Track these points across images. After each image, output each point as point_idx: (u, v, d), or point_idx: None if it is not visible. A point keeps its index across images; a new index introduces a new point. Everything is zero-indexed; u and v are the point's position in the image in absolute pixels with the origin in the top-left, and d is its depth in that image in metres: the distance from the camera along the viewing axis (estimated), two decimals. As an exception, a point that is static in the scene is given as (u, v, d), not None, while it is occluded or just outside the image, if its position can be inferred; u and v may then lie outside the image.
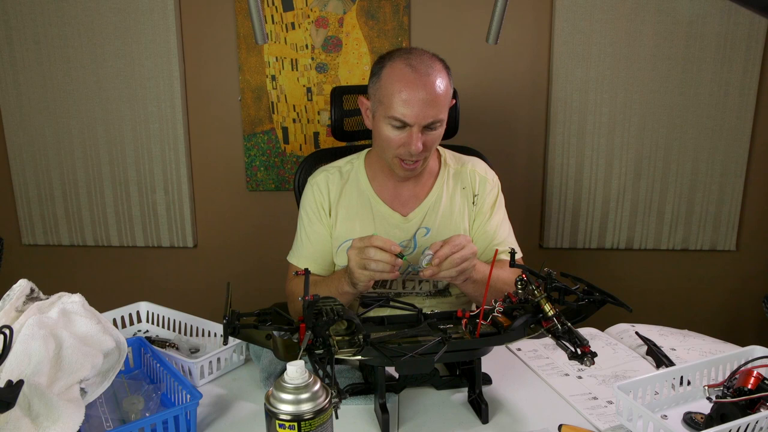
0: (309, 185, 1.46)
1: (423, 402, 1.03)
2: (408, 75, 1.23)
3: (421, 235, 1.41)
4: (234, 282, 1.04)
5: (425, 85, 1.22)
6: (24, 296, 0.95)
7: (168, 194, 2.30)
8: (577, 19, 2.06)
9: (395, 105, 1.23)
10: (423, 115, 1.23)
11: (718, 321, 2.33)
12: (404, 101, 1.22)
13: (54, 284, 1.10)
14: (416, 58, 1.25)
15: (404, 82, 1.22)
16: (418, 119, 1.23)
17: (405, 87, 1.22)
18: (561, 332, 0.94)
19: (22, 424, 0.75)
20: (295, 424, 0.74)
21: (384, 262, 1.12)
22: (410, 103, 1.22)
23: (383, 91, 1.26)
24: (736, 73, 2.06)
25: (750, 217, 2.22)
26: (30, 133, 2.28)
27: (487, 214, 1.43)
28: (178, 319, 1.25)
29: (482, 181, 1.44)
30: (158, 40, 2.15)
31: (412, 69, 1.23)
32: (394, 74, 1.24)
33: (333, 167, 1.47)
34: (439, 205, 1.41)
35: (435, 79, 1.23)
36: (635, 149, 2.15)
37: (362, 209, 1.41)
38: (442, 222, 1.41)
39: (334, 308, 0.92)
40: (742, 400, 0.88)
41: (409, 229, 1.40)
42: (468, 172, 1.45)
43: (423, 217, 1.41)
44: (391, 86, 1.24)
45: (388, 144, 1.29)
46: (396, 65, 1.25)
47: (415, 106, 1.22)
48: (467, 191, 1.43)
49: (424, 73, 1.23)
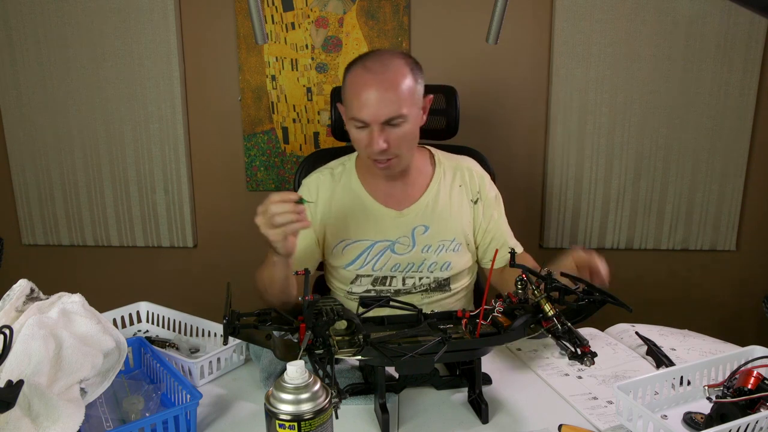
0: (303, 186, 1.49)
1: (423, 402, 1.03)
2: (362, 76, 1.27)
3: (420, 233, 1.41)
4: (234, 282, 1.04)
5: (379, 83, 1.25)
6: (24, 296, 0.95)
7: (168, 194, 2.30)
8: (577, 19, 2.06)
9: (354, 106, 1.28)
10: (379, 113, 1.25)
11: (718, 321, 2.33)
12: (360, 102, 1.26)
13: (54, 284, 1.09)
14: (372, 59, 1.29)
15: (359, 83, 1.27)
16: (374, 117, 1.26)
17: (360, 88, 1.26)
18: (561, 332, 0.94)
19: (22, 424, 0.75)
20: (295, 424, 0.74)
21: (287, 212, 1.13)
22: (365, 103, 1.25)
23: (345, 95, 1.32)
24: (736, 73, 2.06)
25: (750, 217, 2.22)
26: (30, 133, 2.28)
27: (494, 211, 1.47)
28: (178, 319, 1.25)
29: (481, 178, 1.47)
30: (158, 40, 2.15)
31: (366, 70, 1.27)
32: (352, 78, 1.29)
33: (325, 169, 1.49)
34: (437, 203, 1.42)
35: (389, 76, 1.26)
36: (635, 149, 2.15)
37: (355, 208, 1.42)
38: (441, 219, 1.41)
39: (334, 308, 0.92)
40: (742, 400, 0.88)
41: (404, 224, 1.41)
42: (465, 169, 1.46)
43: (420, 214, 1.41)
44: (350, 89, 1.29)
45: (358, 145, 1.34)
46: (354, 69, 1.30)
47: (370, 106, 1.25)
48: (465, 189, 1.45)
49: (377, 71, 1.26)
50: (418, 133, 1.36)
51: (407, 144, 1.32)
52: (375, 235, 1.41)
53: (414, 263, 1.42)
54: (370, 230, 1.41)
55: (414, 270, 1.42)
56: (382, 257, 1.41)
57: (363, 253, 1.41)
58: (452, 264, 1.43)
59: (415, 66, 1.32)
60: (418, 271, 1.42)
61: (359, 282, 1.43)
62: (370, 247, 1.41)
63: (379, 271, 1.42)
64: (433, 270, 1.42)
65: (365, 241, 1.41)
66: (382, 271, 1.42)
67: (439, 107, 1.64)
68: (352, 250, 1.42)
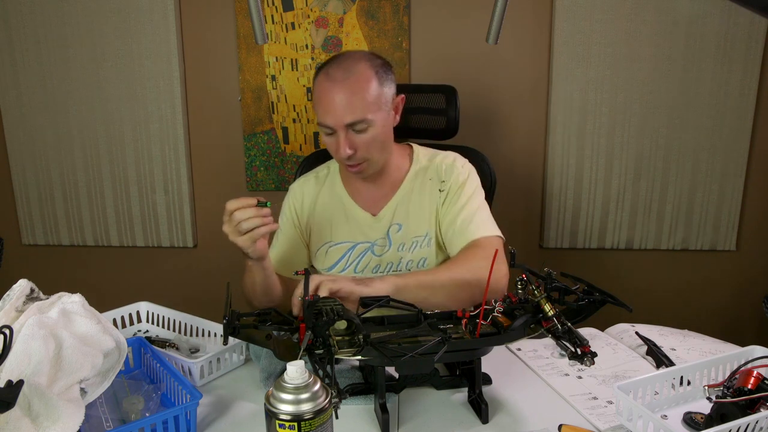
0: (289, 193, 1.52)
1: (423, 402, 1.03)
2: (323, 84, 1.28)
3: (394, 231, 1.42)
4: (234, 282, 1.04)
5: (339, 90, 1.26)
6: (24, 296, 0.95)
7: (168, 194, 2.30)
8: (577, 19, 2.06)
9: (319, 112, 1.30)
10: (340, 119, 1.26)
11: (718, 321, 2.33)
12: (323, 107, 1.28)
13: (54, 284, 1.10)
14: (335, 65, 1.29)
15: (321, 91, 1.28)
16: (336, 122, 1.27)
17: (323, 94, 1.28)
18: (561, 332, 0.94)
19: (22, 424, 0.75)
20: (295, 424, 0.74)
21: (251, 217, 1.14)
22: (328, 110, 1.27)
23: (313, 101, 1.33)
24: (736, 73, 2.06)
25: (750, 217, 2.22)
26: (30, 133, 2.28)
27: (454, 197, 1.39)
28: (178, 319, 1.25)
29: (449, 167, 1.43)
30: (158, 40, 2.15)
31: (327, 77, 1.28)
32: (316, 84, 1.31)
33: (310, 174, 1.52)
34: (408, 200, 1.42)
35: (351, 82, 1.26)
36: (635, 149, 2.15)
37: (336, 212, 1.44)
38: (412, 216, 1.42)
39: (334, 308, 0.92)
40: (742, 400, 0.88)
41: (380, 228, 1.42)
42: (436, 164, 1.44)
43: (393, 213, 1.42)
44: (315, 95, 1.31)
45: (330, 150, 1.35)
46: (319, 77, 1.31)
47: (332, 112, 1.26)
48: (434, 181, 1.43)
49: (338, 78, 1.26)
50: (390, 134, 1.36)
51: (376, 147, 1.32)
52: (355, 237, 1.43)
53: (393, 262, 1.42)
54: (350, 232, 1.43)
55: (393, 270, 1.42)
56: (363, 258, 1.43)
57: (345, 255, 1.43)
58: (428, 259, 1.42)
59: (382, 68, 1.32)
60: (397, 270, 1.42)
61: None
62: (352, 249, 1.43)
63: (362, 273, 1.43)
64: (410, 268, 1.42)
65: (346, 243, 1.43)
66: (364, 273, 1.43)
67: (439, 107, 1.64)
68: (335, 253, 1.44)
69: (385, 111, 1.31)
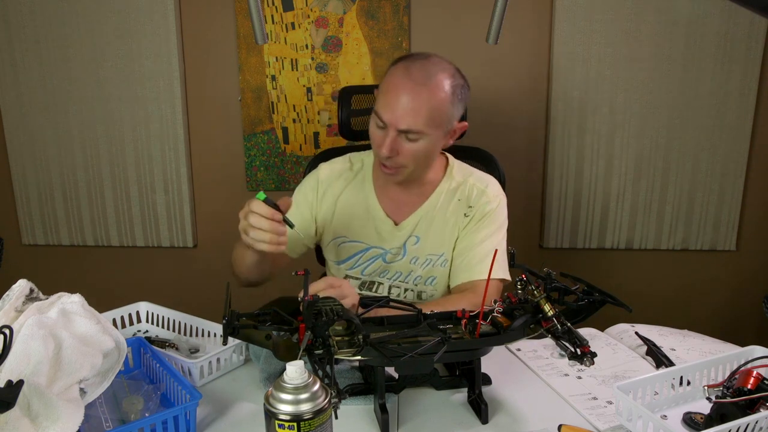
0: (317, 172, 1.44)
1: (423, 402, 1.03)
2: (400, 78, 1.22)
3: (411, 243, 1.39)
4: (234, 282, 1.04)
5: (410, 92, 1.20)
6: (23, 296, 0.95)
7: (168, 194, 2.30)
8: (577, 19, 2.06)
9: (380, 102, 1.24)
10: (399, 120, 1.21)
11: (718, 321, 2.33)
12: (388, 101, 1.22)
13: (54, 284, 1.10)
14: (418, 64, 1.23)
15: (394, 83, 1.22)
16: (392, 121, 1.21)
17: (393, 88, 1.22)
18: (561, 332, 0.94)
19: (21, 424, 0.75)
20: (294, 425, 0.74)
21: (266, 231, 1.08)
22: (392, 105, 1.21)
23: (380, 87, 1.27)
24: (736, 73, 2.06)
25: (750, 217, 2.22)
26: (30, 133, 2.28)
27: (476, 227, 1.36)
28: (178, 319, 1.25)
29: (480, 193, 1.38)
30: (158, 41, 2.15)
31: (405, 72, 1.22)
32: (391, 74, 1.25)
33: (346, 161, 1.45)
34: (433, 215, 1.38)
35: (424, 89, 1.20)
36: (635, 149, 2.15)
37: (359, 210, 1.41)
38: (433, 233, 1.38)
39: (333, 308, 0.92)
40: (741, 400, 0.88)
41: (399, 237, 1.39)
42: (468, 185, 1.39)
43: (415, 225, 1.38)
44: (385, 84, 1.25)
45: (372, 141, 1.30)
46: (397, 67, 1.25)
47: (395, 109, 1.21)
48: (462, 203, 1.38)
49: (415, 79, 1.21)
50: (436, 153, 1.32)
51: (419, 160, 1.28)
52: (371, 241, 1.40)
53: (401, 272, 1.40)
54: (367, 234, 1.40)
55: (401, 280, 1.40)
56: (373, 263, 1.41)
57: (356, 255, 1.41)
58: (437, 279, 1.40)
59: (461, 89, 1.26)
60: (404, 281, 1.40)
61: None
62: (365, 251, 1.40)
63: (368, 276, 1.42)
64: (417, 284, 1.40)
65: (360, 243, 1.40)
66: (370, 276, 1.42)
67: None
68: (346, 249, 1.41)
69: (443, 131, 1.27)
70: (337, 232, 1.41)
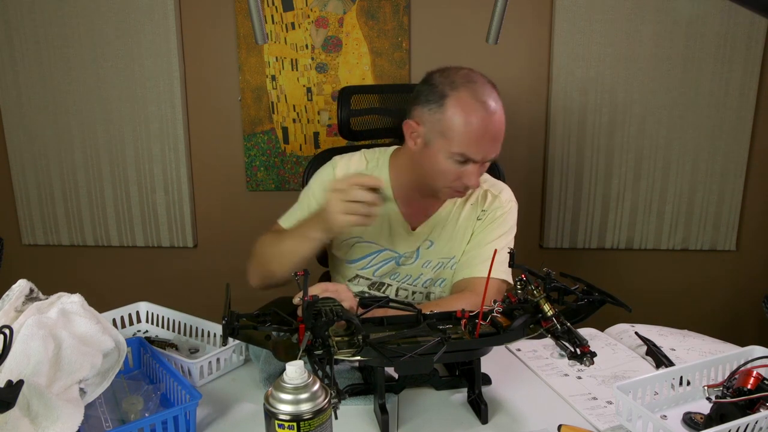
0: (332, 166, 1.39)
1: (422, 402, 1.03)
2: (479, 112, 1.18)
3: (425, 247, 1.39)
4: (234, 282, 1.04)
5: (494, 123, 1.19)
6: (23, 296, 0.95)
7: (168, 194, 2.30)
8: (577, 19, 2.06)
9: (464, 142, 1.19)
10: (490, 153, 1.21)
11: (718, 321, 2.33)
12: (476, 139, 1.19)
13: (54, 284, 1.10)
14: (481, 89, 1.20)
15: (476, 119, 1.18)
16: (486, 156, 1.21)
17: (478, 125, 1.18)
18: (560, 332, 0.94)
19: (21, 424, 0.75)
20: (294, 425, 0.74)
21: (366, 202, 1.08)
22: (481, 142, 1.19)
23: (448, 125, 1.20)
24: (736, 73, 2.06)
25: (750, 217, 2.22)
26: (30, 133, 2.28)
27: (487, 228, 1.37)
28: (178, 320, 1.25)
29: (494, 198, 1.39)
30: (158, 40, 2.15)
31: (481, 104, 1.18)
32: (464, 109, 1.18)
33: (362, 158, 1.41)
34: (447, 221, 1.39)
35: (501, 113, 1.21)
36: (635, 149, 2.15)
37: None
38: (446, 236, 1.39)
39: (333, 309, 0.92)
40: (741, 400, 0.88)
41: (413, 242, 1.39)
42: (482, 191, 1.40)
43: (430, 230, 1.39)
44: (461, 122, 1.18)
45: (443, 175, 1.24)
46: (463, 97, 1.19)
47: (484, 145, 1.20)
48: (475, 207, 1.39)
49: (492, 109, 1.19)
50: None
51: None
52: (385, 243, 1.39)
53: (411, 275, 1.40)
54: (383, 237, 1.38)
55: (409, 282, 1.41)
56: (386, 265, 1.40)
57: (369, 256, 1.40)
58: (447, 281, 1.41)
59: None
60: (413, 284, 1.41)
61: (357, 281, 1.43)
62: (378, 252, 1.40)
63: (378, 277, 1.42)
64: (426, 286, 1.41)
65: (375, 244, 1.39)
66: (381, 277, 1.42)
67: None
68: (360, 249, 1.40)
69: None
70: (353, 231, 1.38)
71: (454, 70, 1.24)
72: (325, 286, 1.10)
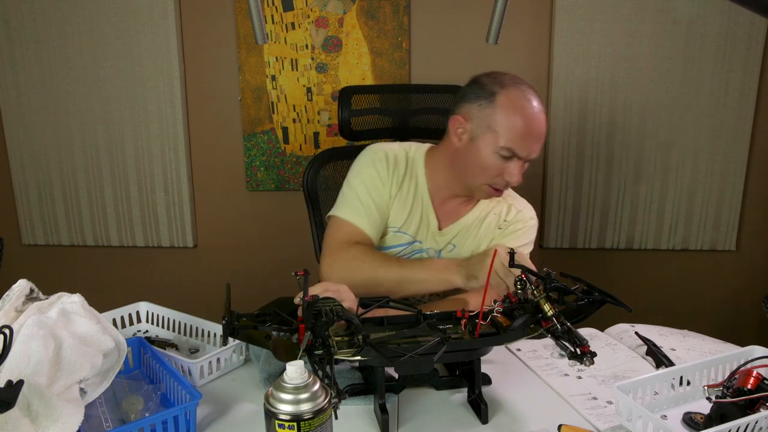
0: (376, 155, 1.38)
1: (423, 402, 1.03)
2: (528, 109, 1.24)
3: (447, 250, 1.40)
4: (234, 282, 1.04)
5: (541, 121, 1.25)
6: (23, 296, 0.95)
7: (168, 194, 2.30)
8: (577, 19, 2.06)
9: (512, 137, 1.23)
10: (535, 150, 1.26)
11: (718, 321, 2.33)
12: (523, 135, 1.23)
13: (54, 284, 1.10)
14: (527, 90, 1.27)
15: (525, 116, 1.24)
16: (530, 153, 1.25)
17: (526, 121, 1.24)
18: (560, 332, 0.94)
19: (21, 424, 0.75)
20: (294, 424, 0.74)
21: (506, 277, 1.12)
22: (528, 138, 1.24)
23: (497, 119, 1.24)
24: (736, 73, 2.06)
25: (750, 217, 2.22)
26: (30, 133, 2.28)
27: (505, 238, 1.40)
28: (178, 320, 1.25)
29: (517, 213, 1.42)
30: (158, 40, 2.15)
31: (529, 103, 1.25)
32: (513, 105, 1.24)
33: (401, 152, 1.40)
34: (470, 227, 1.41)
35: (544, 116, 1.27)
36: (635, 149, 2.15)
37: (416, 205, 1.39)
38: (468, 242, 1.40)
39: (333, 309, 0.92)
40: (741, 400, 0.88)
41: (439, 242, 1.40)
42: (507, 204, 1.43)
43: (455, 234, 1.40)
44: (510, 117, 1.24)
45: (486, 171, 1.28)
46: (513, 95, 1.25)
47: (531, 141, 1.24)
48: (498, 217, 1.42)
49: (539, 109, 1.25)
50: None
51: None
52: (417, 235, 1.40)
53: None
54: (417, 230, 1.39)
55: None
56: (412, 257, 1.41)
57: (401, 246, 1.40)
58: None
59: None
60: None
61: None
62: (409, 244, 1.40)
63: None
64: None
65: (409, 236, 1.39)
66: None
67: (447, 107, 1.64)
68: (395, 238, 1.39)
69: None
70: (393, 219, 1.38)
71: (500, 73, 1.30)
72: (325, 285, 1.11)
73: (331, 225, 1.38)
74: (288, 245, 2.31)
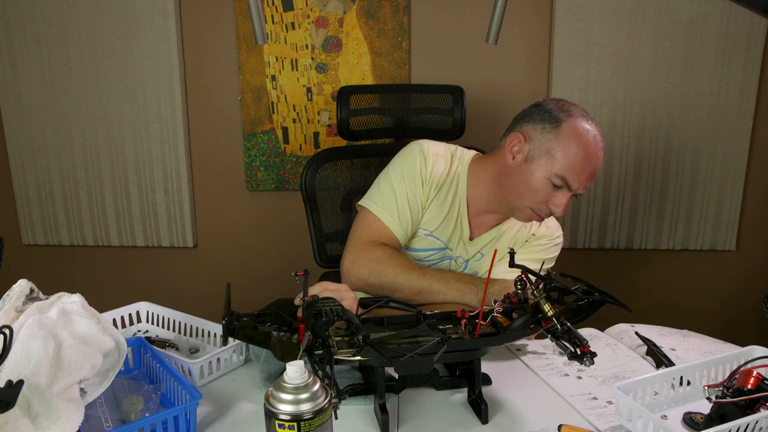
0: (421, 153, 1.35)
1: (423, 402, 1.03)
2: (590, 143, 1.24)
3: (475, 259, 1.41)
4: (234, 282, 1.04)
5: (599, 159, 1.26)
6: (23, 296, 0.95)
7: (168, 194, 2.30)
8: (577, 19, 2.06)
9: (569, 166, 1.23)
10: (584, 185, 1.26)
11: (718, 321, 2.33)
12: (580, 167, 1.23)
13: (54, 284, 1.10)
14: (593, 126, 1.26)
15: (587, 149, 1.23)
16: (580, 187, 1.25)
17: (586, 155, 1.23)
18: (560, 332, 0.94)
19: (21, 424, 0.75)
20: (294, 424, 0.74)
21: None
22: (583, 171, 1.23)
23: (558, 145, 1.23)
24: (736, 73, 2.06)
25: (750, 217, 2.22)
26: (30, 133, 2.28)
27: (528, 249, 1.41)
28: (178, 320, 1.25)
29: (546, 228, 1.44)
30: (158, 40, 2.15)
31: (594, 138, 1.24)
32: (578, 135, 1.23)
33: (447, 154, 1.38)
34: (500, 238, 1.41)
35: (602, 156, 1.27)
36: (635, 149, 2.15)
37: (452, 211, 1.38)
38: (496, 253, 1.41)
39: (333, 309, 0.92)
40: (741, 400, 0.88)
41: (469, 251, 1.40)
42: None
43: (485, 244, 1.40)
44: (572, 147, 1.23)
45: (533, 194, 1.26)
46: (579, 126, 1.24)
47: (585, 176, 1.24)
48: (527, 230, 1.42)
49: (600, 147, 1.25)
50: None
51: None
52: (449, 243, 1.39)
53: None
54: (449, 236, 1.39)
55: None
56: (440, 263, 1.41)
57: (431, 250, 1.39)
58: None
59: None
60: None
61: None
62: (440, 250, 1.40)
63: None
64: None
65: (440, 242, 1.39)
66: None
67: (446, 107, 1.64)
68: (426, 242, 1.38)
69: None
70: (426, 222, 1.37)
71: (570, 103, 1.29)
72: (325, 285, 1.11)
73: (361, 218, 1.36)
74: (288, 245, 2.31)
